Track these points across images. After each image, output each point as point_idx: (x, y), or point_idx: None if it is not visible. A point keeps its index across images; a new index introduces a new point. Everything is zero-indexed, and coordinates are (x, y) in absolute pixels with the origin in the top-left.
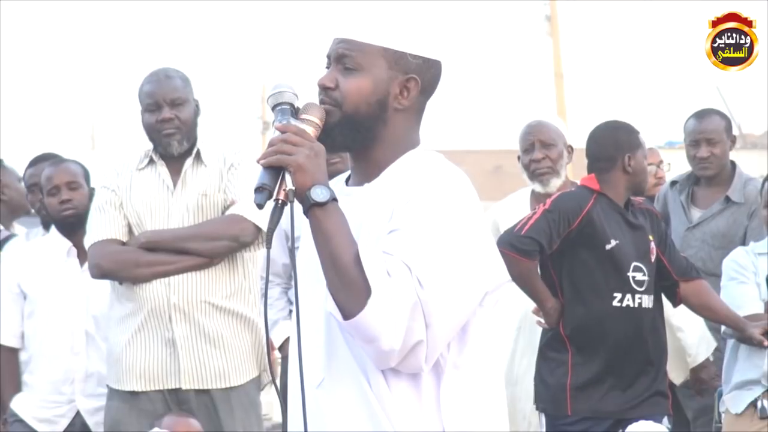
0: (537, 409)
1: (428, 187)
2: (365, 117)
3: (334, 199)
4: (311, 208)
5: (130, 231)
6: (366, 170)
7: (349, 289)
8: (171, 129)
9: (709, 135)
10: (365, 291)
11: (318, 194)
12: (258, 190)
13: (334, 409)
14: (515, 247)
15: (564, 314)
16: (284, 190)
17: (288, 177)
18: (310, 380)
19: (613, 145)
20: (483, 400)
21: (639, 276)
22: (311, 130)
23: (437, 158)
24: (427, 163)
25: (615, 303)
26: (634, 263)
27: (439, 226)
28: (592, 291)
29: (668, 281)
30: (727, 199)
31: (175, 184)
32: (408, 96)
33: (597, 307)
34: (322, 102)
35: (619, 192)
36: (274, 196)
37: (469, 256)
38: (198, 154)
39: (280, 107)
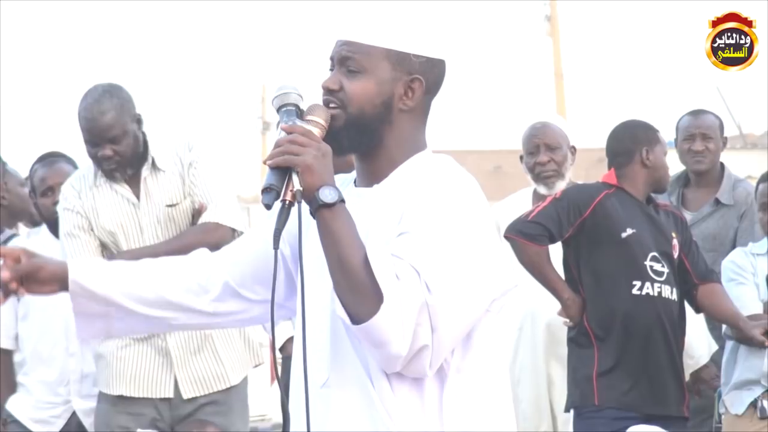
0: (567, 406)
1: (438, 192)
2: (370, 119)
3: (342, 201)
4: (319, 209)
5: (105, 248)
6: (374, 172)
7: (358, 292)
8: (112, 164)
9: (705, 130)
10: (375, 295)
11: (326, 195)
12: (265, 190)
13: (338, 408)
14: (522, 233)
15: (587, 307)
16: (291, 190)
17: (295, 177)
18: (315, 379)
19: (631, 139)
20: (486, 404)
21: (657, 266)
22: (317, 131)
23: (447, 161)
24: (438, 167)
25: (635, 291)
26: (652, 253)
27: (448, 231)
28: (610, 279)
29: (688, 284)
30: (717, 202)
31: (138, 197)
32: (413, 96)
33: (617, 294)
34: (326, 104)
35: (638, 186)
36: (281, 197)
37: (477, 262)
38: (153, 161)
39: (285, 108)
